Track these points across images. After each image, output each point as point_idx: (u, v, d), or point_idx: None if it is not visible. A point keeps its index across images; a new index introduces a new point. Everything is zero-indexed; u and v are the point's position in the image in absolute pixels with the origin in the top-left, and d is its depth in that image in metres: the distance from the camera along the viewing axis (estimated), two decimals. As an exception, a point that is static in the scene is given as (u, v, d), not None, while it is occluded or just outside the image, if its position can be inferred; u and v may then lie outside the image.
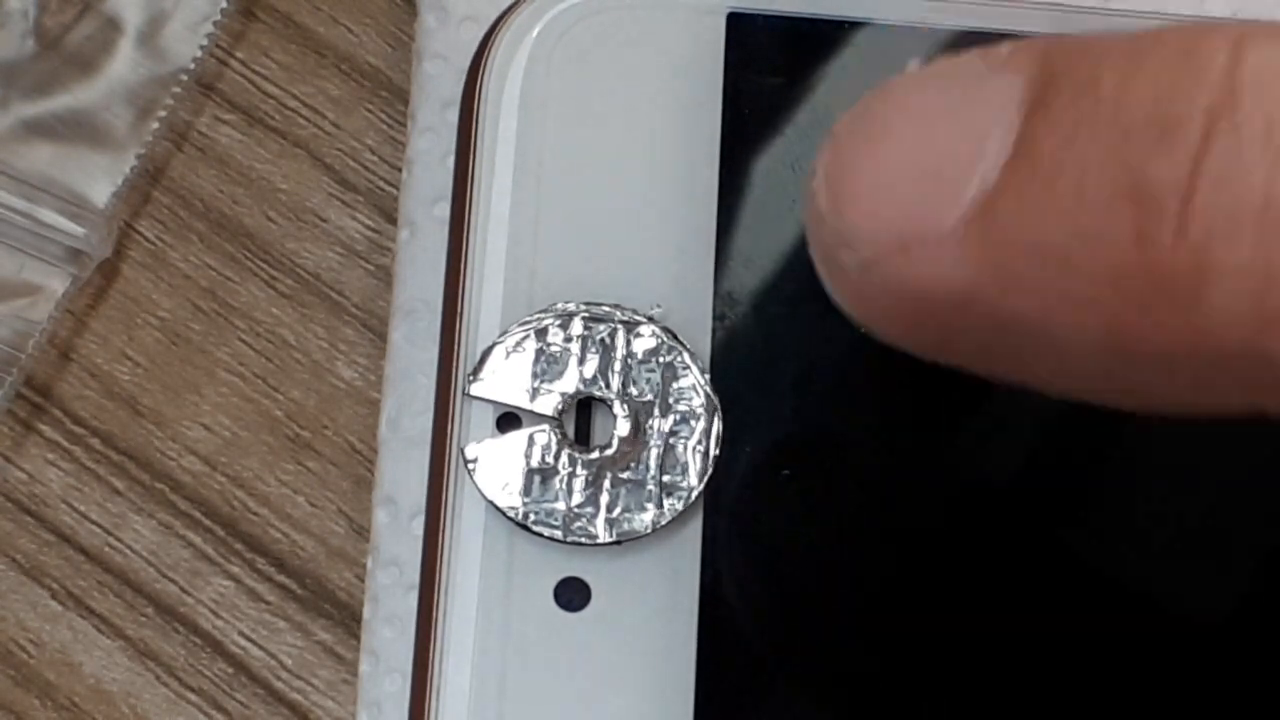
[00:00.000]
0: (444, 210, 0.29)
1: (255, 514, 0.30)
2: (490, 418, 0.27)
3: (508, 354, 0.27)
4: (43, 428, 0.31)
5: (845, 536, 0.27)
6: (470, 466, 0.27)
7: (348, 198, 0.32)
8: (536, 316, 0.27)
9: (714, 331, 0.28)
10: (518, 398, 0.27)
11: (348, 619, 0.30)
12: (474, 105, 0.28)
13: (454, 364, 0.27)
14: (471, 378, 0.27)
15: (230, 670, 0.30)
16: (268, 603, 0.30)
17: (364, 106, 0.32)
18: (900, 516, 0.27)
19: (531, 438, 0.27)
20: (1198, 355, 0.20)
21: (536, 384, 0.27)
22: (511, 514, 0.26)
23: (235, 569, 0.30)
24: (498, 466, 0.27)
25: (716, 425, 0.27)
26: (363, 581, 0.30)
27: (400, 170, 0.31)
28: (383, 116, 0.32)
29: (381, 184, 0.32)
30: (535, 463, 0.27)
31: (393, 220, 0.31)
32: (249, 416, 0.31)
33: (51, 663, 0.30)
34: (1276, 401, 0.21)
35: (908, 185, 0.22)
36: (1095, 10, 0.30)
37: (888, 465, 0.28)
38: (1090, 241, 0.20)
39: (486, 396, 0.27)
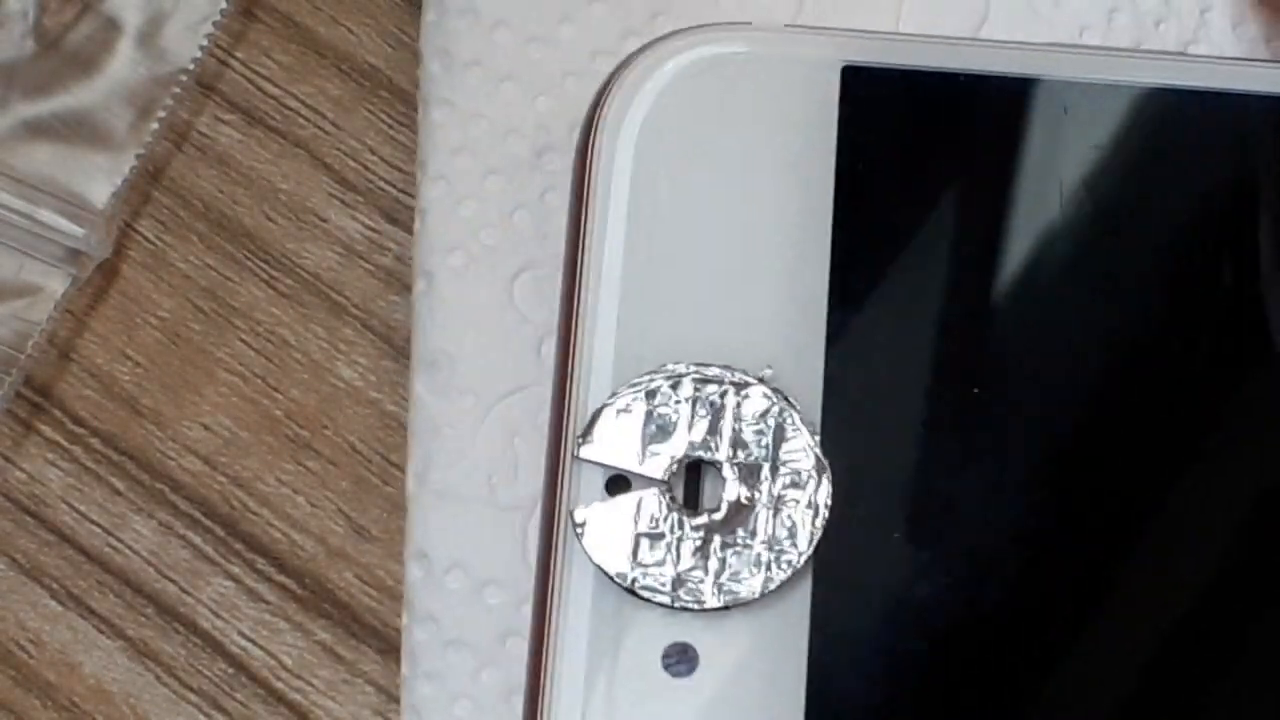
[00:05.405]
0: (459, 260, 0.29)
1: (255, 514, 0.30)
2: (599, 480, 0.27)
3: (617, 415, 0.27)
4: (43, 428, 0.31)
5: (957, 602, 0.27)
6: (579, 530, 0.26)
7: (348, 198, 0.32)
8: (646, 378, 0.27)
9: (825, 392, 0.27)
10: (627, 460, 0.27)
11: (348, 619, 0.30)
12: (588, 161, 0.28)
13: (565, 425, 0.27)
14: (581, 440, 0.27)
15: (230, 670, 0.30)
16: (268, 603, 0.30)
17: (364, 106, 0.32)
18: (1012, 583, 0.27)
19: (640, 501, 0.26)
20: None
21: (646, 446, 0.27)
22: (619, 580, 0.26)
23: (235, 569, 0.30)
24: (606, 530, 0.26)
25: (826, 487, 0.26)
26: (363, 582, 0.30)
27: (400, 170, 0.31)
28: (383, 116, 0.32)
29: (381, 184, 0.32)
30: (644, 527, 0.26)
31: (393, 220, 0.31)
32: (249, 416, 0.31)
33: (51, 663, 0.30)
34: None
35: None
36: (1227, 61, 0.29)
37: (1001, 530, 0.27)
38: None
39: (596, 459, 0.27)
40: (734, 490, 0.27)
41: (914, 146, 0.28)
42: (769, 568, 0.26)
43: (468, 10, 0.30)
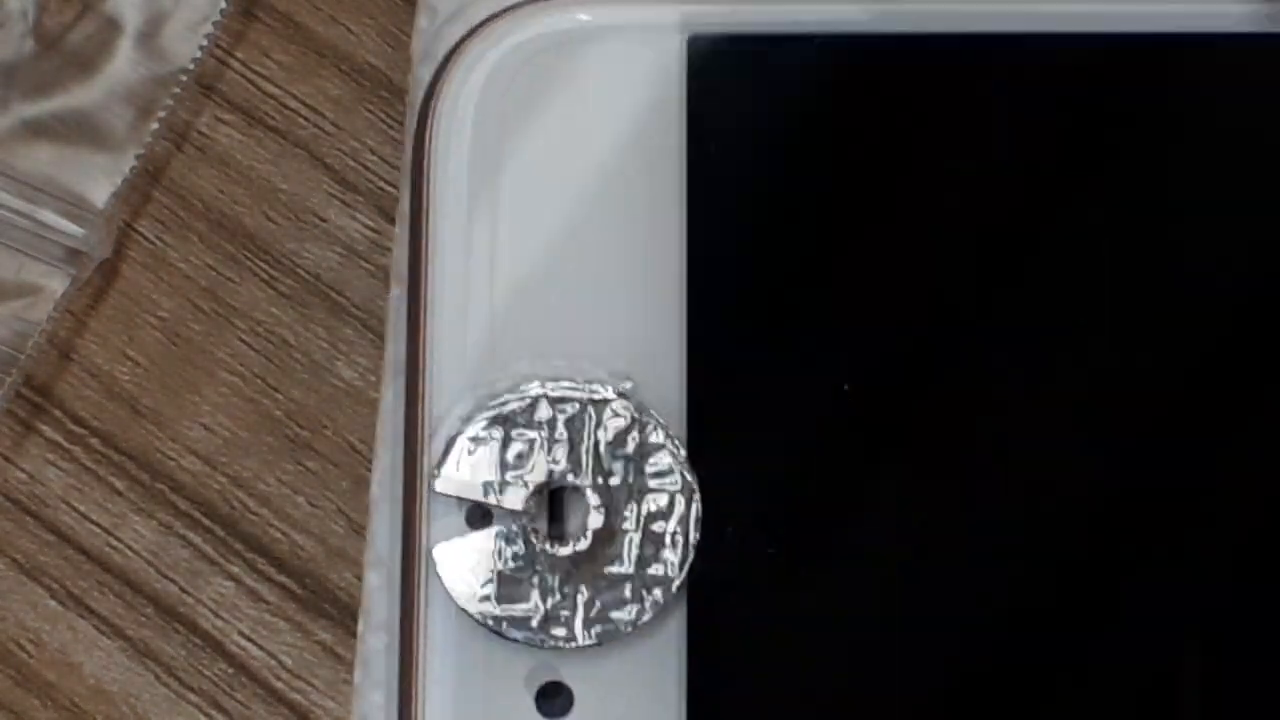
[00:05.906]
0: None
1: (255, 514, 0.30)
2: (459, 512, 0.26)
3: (472, 444, 0.25)
4: (43, 428, 0.31)
5: (839, 622, 0.26)
6: (439, 571, 0.25)
7: (348, 198, 0.32)
8: (500, 400, 0.26)
9: (688, 402, 0.26)
10: (485, 492, 0.25)
11: (347, 619, 0.30)
12: (422, 160, 0.26)
13: (418, 456, 0.26)
14: (436, 472, 0.25)
15: (230, 670, 0.30)
16: (268, 603, 0.30)
17: (364, 106, 0.32)
18: (897, 595, 0.26)
19: (500, 536, 0.25)
20: None
21: (504, 475, 0.25)
22: (483, 620, 0.25)
23: (235, 569, 0.30)
24: (467, 568, 0.25)
25: (695, 508, 0.25)
26: (362, 582, 0.30)
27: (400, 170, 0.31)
28: (383, 116, 0.32)
29: (381, 184, 0.32)
30: (506, 564, 0.25)
31: (393, 220, 0.31)
32: (249, 416, 0.31)
33: (51, 663, 0.30)
34: None
35: None
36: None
37: (883, 542, 0.26)
38: None
39: (453, 493, 0.25)
40: (598, 518, 0.25)
41: (770, 120, 0.26)
42: (640, 597, 0.25)
43: (458, 17, 0.30)
